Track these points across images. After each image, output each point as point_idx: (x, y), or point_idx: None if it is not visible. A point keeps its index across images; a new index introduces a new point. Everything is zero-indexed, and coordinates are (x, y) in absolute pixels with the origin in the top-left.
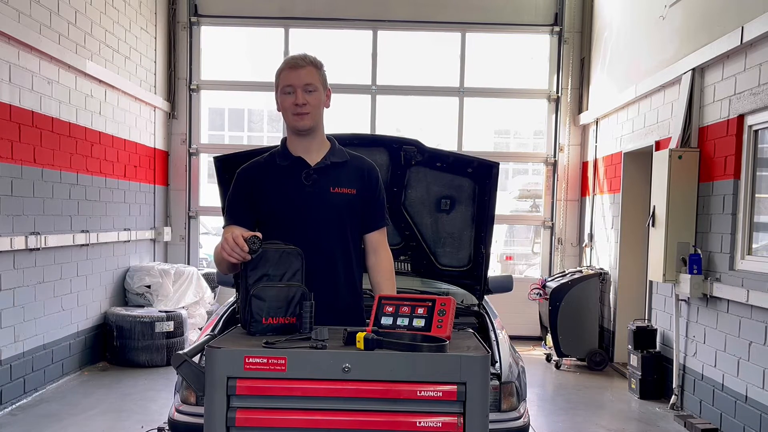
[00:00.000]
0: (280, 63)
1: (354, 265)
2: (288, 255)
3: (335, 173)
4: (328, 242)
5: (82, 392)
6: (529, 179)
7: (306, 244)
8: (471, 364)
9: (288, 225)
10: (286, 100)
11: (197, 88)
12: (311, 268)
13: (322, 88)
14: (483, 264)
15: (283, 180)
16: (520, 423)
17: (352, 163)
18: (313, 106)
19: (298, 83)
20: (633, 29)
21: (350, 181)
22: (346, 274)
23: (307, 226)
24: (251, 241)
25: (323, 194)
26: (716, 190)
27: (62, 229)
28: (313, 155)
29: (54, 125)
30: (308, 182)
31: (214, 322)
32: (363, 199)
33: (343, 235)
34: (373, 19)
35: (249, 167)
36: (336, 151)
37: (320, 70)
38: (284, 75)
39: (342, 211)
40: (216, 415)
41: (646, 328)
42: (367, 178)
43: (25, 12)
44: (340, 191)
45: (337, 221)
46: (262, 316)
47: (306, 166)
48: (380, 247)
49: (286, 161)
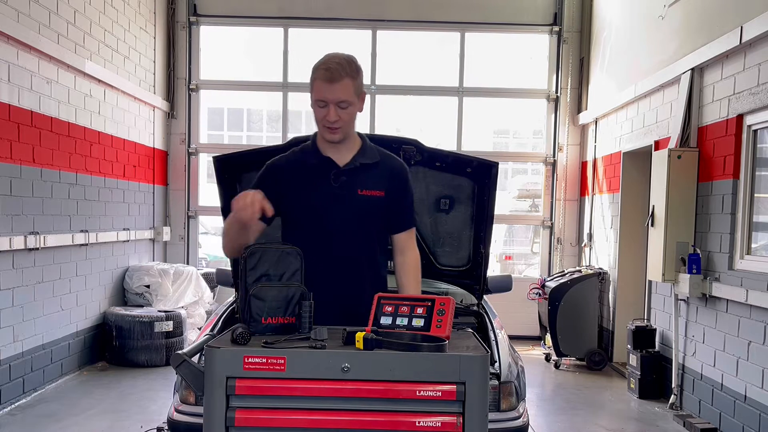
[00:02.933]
0: (318, 60)
1: (380, 267)
2: (287, 255)
3: (364, 175)
4: (353, 245)
5: (82, 392)
6: (528, 179)
7: (331, 247)
8: (470, 364)
9: (313, 226)
10: (319, 111)
11: (196, 87)
12: (336, 271)
13: (357, 98)
14: (482, 264)
15: (311, 179)
16: (519, 423)
17: (382, 163)
18: (346, 121)
19: (332, 99)
20: (632, 29)
21: (379, 182)
22: (372, 277)
23: (332, 228)
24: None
25: (351, 196)
26: (715, 189)
27: (61, 229)
28: (342, 156)
29: (53, 125)
30: (336, 184)
31: (214, 321)
32: (391, 200)
33: (370, 237)
34: (372, 19)
35: (278, 162)
36: (366, 152)
37: (356, 80)
38: (318, 86)
39: (369, 213)
40: (215, 415)
41: (646, 328)
42: (397, 179)
43: (24, 12)
44: (369, 193)
45: (364, 224)
46: (261, 316)
47: (335, 167)
48: (407, 247)
49: (314, 160)
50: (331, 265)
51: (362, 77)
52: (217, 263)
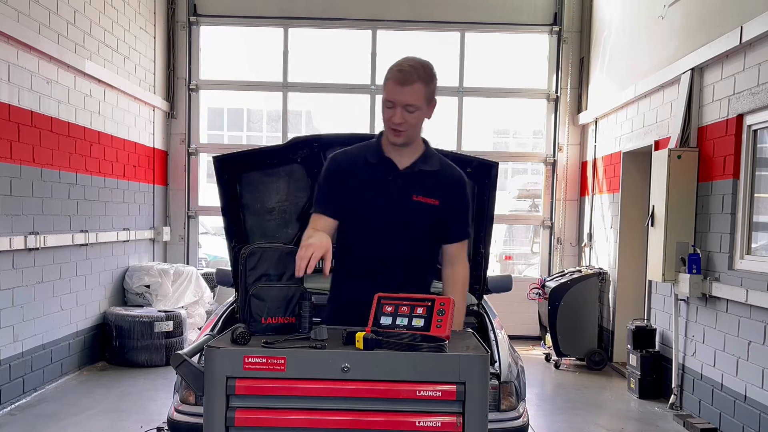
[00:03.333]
0: (396, 60)
1: (425, 274)
2: (287, 255)
3: (421, 181)
4: (399, 249)
5: (81, 392)
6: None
7: (376, 248)
8: (470, 364)
9: (362, 224)
10: (386, 112)
11: (196, 87)
12: (378, 272)
13: (427, 104)
14: (482, 264)
15: (369, 179)
16: (519, 423)
17: (442, 172)
18: (411, 125)
19: (400, 102)
20: (632, 29)
21: (435, 191)
22: (415, 284)
23: (380, 230)
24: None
25: (405, 201)
26: (715, 189)
27: (61, 229)
28: (404, 159)
29: (53, 125)
30: (392, 186)
31: (214, 321)
32: (445, 210)
33: (418, 244)
34: (372, 19)
35: (340, 156)
36: (427, 158)
37: (429, 85)
38: (389, 87)
39: (420, 220)
40: (215, 415)
41: (645, 328)
42: (453, 189)
43: (24, 12)
44: (423, 200)
45: (413, 229)
46: (261, 316)
47: (394, 169)
48: (457, 259)
49: (375, 159)
50: (374, 266)
51: (436, 84)
52: (217, 263)
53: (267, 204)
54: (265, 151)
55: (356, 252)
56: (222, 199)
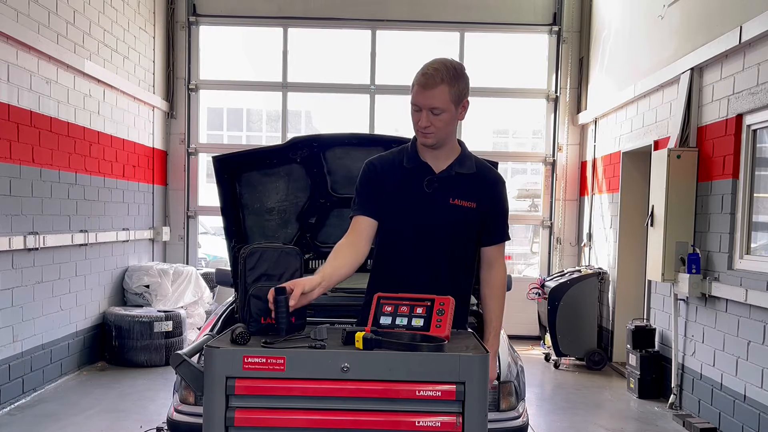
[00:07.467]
0: (425, 63)
1: (462, 278)
2: (287, 255)
3: (458, 184)
4: (436, 252)
5: (81, 392)
6: (527, 179)
7: (414, 251)
8: (470, 364)
9: (399, 228)
10: (414, 115)
11: (196, 87)
12: (414, 276)
13: (455, 105)
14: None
15: (405, 183)
16: (518, 422)
17: (478, 174)
18: (438, 128)
19: (425, 105)
20: (632, 29)
21: (472, 194)
22: (451, 287)
23: (418, 233)
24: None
25: (441, 204)
26: (715, 189)
27: (61, 229)
28: (439, 162)
29: (52, 125)
30: (429, 190)
31: (213, 321)
32: (482, 213)
33: (455, 247)
34: (371, 19)
35: (377, 161)
36: (464, 161)
37: (454, 86)
38: (415, 91)
39: (457, 223)
40: (215, 415)
41: (645, 328)
42: (491, 191)
43: (23, 12)
44: (460, 203)
45: (450, 233)
46: (260, 315)
47: (430, 173)
48: (495, 262)
49: (411, 164)
50: (411, 269)
51: (465, 84)
52: (217, 263)
53: (266, 204)
54: (264, 151)
55: (396, 255)
56: (221, 199)
